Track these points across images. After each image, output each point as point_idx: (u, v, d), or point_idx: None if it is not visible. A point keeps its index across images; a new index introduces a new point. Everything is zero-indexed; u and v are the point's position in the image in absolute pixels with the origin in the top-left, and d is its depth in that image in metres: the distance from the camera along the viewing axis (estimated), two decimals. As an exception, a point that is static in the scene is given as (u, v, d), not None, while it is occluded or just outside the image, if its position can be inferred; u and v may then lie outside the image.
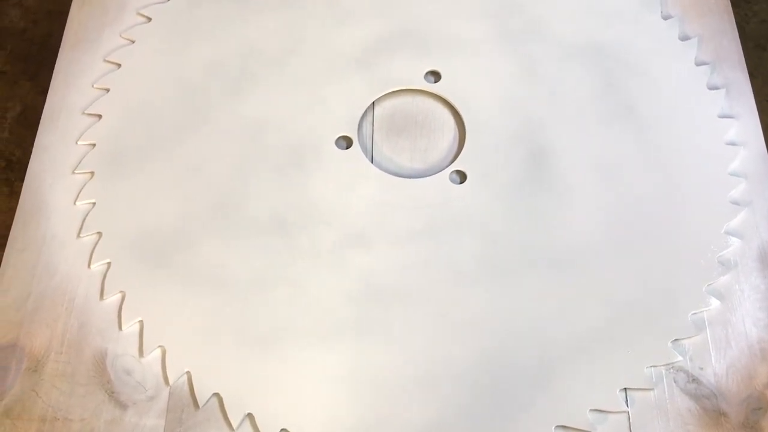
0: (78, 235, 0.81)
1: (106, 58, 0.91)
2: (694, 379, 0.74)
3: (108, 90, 0.89)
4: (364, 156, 0.85)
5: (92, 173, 0.84)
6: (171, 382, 0.74)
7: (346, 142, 0.86)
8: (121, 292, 0.78)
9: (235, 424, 0.72)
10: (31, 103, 1.48)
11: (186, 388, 0.74)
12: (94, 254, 0.79)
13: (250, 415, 0.72)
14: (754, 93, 0.90)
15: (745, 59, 0.92)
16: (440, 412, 0.72)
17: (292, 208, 0.82)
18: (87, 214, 0.81)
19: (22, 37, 1.54)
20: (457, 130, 0.88)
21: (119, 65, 0.90)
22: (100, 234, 0.80)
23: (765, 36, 1.55)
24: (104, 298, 0.78)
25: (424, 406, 0.73)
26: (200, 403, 0.73)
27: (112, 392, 0.73)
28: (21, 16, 1.55)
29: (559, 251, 0.80)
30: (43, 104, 0.88)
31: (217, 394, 0.73)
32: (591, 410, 0.72)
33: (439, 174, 0.84)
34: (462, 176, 0.84)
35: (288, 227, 0.81)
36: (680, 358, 0.75)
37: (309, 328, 0.76)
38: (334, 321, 0.76)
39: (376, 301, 0.77)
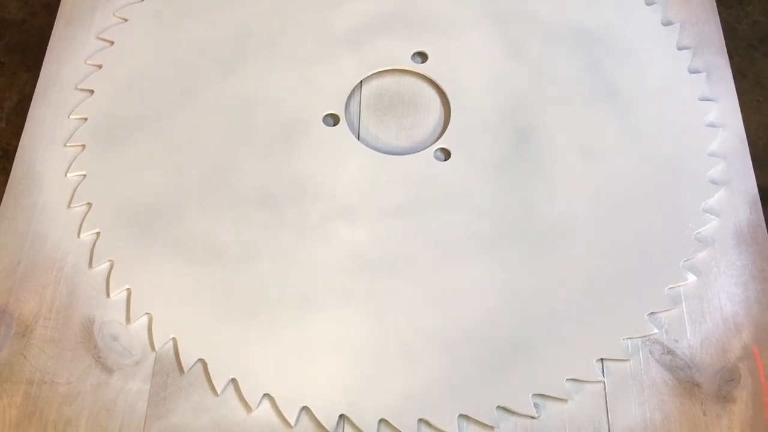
0: (68, 206, 0.82)
1: (99, 36, 0.93)
2: (669, 351, 0.76)
3: (100, 66, 0.90)
4: (350, 133, 0.87)
5: (83, 146, 0.85)
6: (157, 347, 0.75)
7: (333, 120, 0.88)
8: (109, 260, 0.79)
9: (218, 389, 0.73)
10: (28, 94, 1.49)
11: (171, 353, 0.75)
12: (83, 224, 0.81)
13: (233, 381, 0.74)
14: (744, 93, 0.91)
15: (738, 60, 0.93)
16: (422, 381, 0.74)
17: (280, 182, 0.83)
18: (77, 186, 0.83)
19: (20, 28, 1.55)
20: (442, 109, 0.90)
21: (112, 42, 0.92)
22: (90, 205, 0.82)
23: (757, 36, 1.56)
24: (93, 266, 0.79)
25: (407, 375, 0.74)
26: (185, 368, 0.74)
27: (99, 357, 0.75)
28: (19, 8, 1.57)
29: (540, 227, 0.82)
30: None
31: (201, 360, 0.74)
32: (568, 380, 0.74)
33: (424, 151, 0.86)
34: (446, 154, 0.86)
35: (276, 201, 0.82)
36: (656, 330, 0.76)
37: (294, 298, 0.77)
38: (318, 291, 0.78)
39: (361, 273, 0.79)
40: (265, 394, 0.73)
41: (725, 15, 1.55)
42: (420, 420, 0.72)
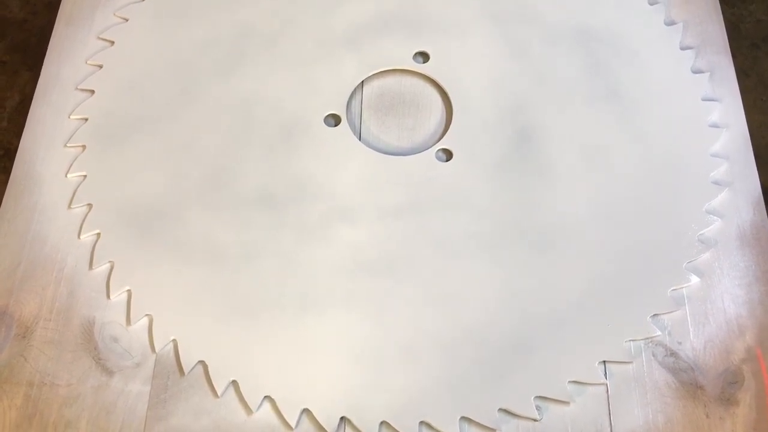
0: (69, 206, 0.82)
1: (100, 36, 0.92)
2: (672, 353, 0.75)
3: (101, 66, 0.90)
4: (352, 133, 0.86)
5: (84, 147, 0.85)
6: (157, 349, 0.75)
7: (334, 120, 0.87)
8: (109, 262, 0.79)
9: (219, 391, 0.73)
10: (30, 93, 1.48)
11: (172, 355, 0.75)
12: (84, 225, 0.81)
13: (234, 383, 0.73)
14: (747, 92, 0.90)
15: (741, 59, 0.92)
16: (423, 383, 0.73)
17: (281, 182, 0.83)
18: (78, 186, 0.83)
19: (21, 27, 1.55)
20: (444, 109, 0.89)
21: (112, 42, 0.92)
22: (90, 205, 0.82)
23: (760, 35, 1.55)
24: (93, 267, 0.79)
25: (407, 377, 0.74)
26: (185, 370, 0.74)
27: (99, 359, 0.74)
28: (21, 7, 1.56)
29: (542, 228, 0.81)
30: (41, 89, 0.90)
31: (202, 362, 0.74)
32: (570, 382, 0.74)
33: (425, 152, 0.85)
34: (448, 154, 0.85)
35: (276, 201, 0.82)
36: (659, 332, 0.76)
37: (295, 299, 0.77)
38: (319, 293, 0.77)
39: (362, 274, 0.78)
40: (265, 396, 0.73)
41: (728, 14, 1.54)
42: (421, 422, 0.72)
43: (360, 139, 0.87)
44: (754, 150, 0.87)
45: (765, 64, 1.48)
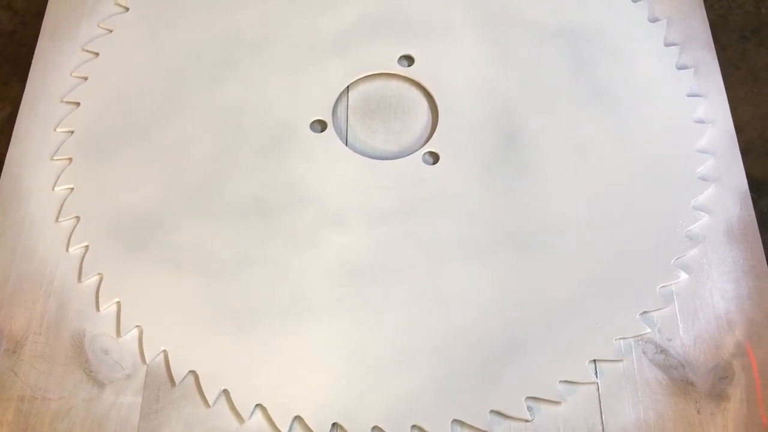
0: (56, 220, 0.82)
1: (84, 48, 0.92)
2: (663, 350, 0.76)
3: (86, 78, 0.90)
4: (338, 139, 0.86)
5: (70, 159, 0.85)
6: (148, 360, 0.75)
7: (320, 126, 0.87)
8: (98, 274, 0.79)
9: (210, 401, 0.73)
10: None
11: (162, 366, 0.75)
12: (72, 238, 0.81)
13: (225, 392, 0.73)
14: (737, 84, 0.90)
15: (730, 51, 0.93)
16: (415, 387, 0.73)
17: (269, 190, 0.83)
18: (65, 199, 0.83)
19: (11, 38, 1.54)
20: (430, 112, 0.89)
21: (97, 54, 0.92)
22: (78, 218, 0.82)
23: (749, 27, 1.55)
24: (82, 280, 0.79)
25: (399, 381, 0.74)
26: (177, 380, 0.74)
27: (90, 371, 0.74)
28: (10, 19, 1.56)
29: (531, 229, 0.81)
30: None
31: (193, 372, 0.74)
32: (561, 381, 0.74)
33: (412, 155, 0.85)
34: (435, 157, 0.85)
35: (265, 209, 0.82)
36: (649, 330, 0.76)
37: (285, 306, 0.77)
38: (310, 299, 0.77)
39: (353, 280, 0.78)
40: (257, 405, 0.73)
41: (717, 6, 1.54)
42: (413, 426, 0.72)
43: (347, 144, 0.87)
44: (743, 142, 0.87)
45: (754, 56, 1.48)
